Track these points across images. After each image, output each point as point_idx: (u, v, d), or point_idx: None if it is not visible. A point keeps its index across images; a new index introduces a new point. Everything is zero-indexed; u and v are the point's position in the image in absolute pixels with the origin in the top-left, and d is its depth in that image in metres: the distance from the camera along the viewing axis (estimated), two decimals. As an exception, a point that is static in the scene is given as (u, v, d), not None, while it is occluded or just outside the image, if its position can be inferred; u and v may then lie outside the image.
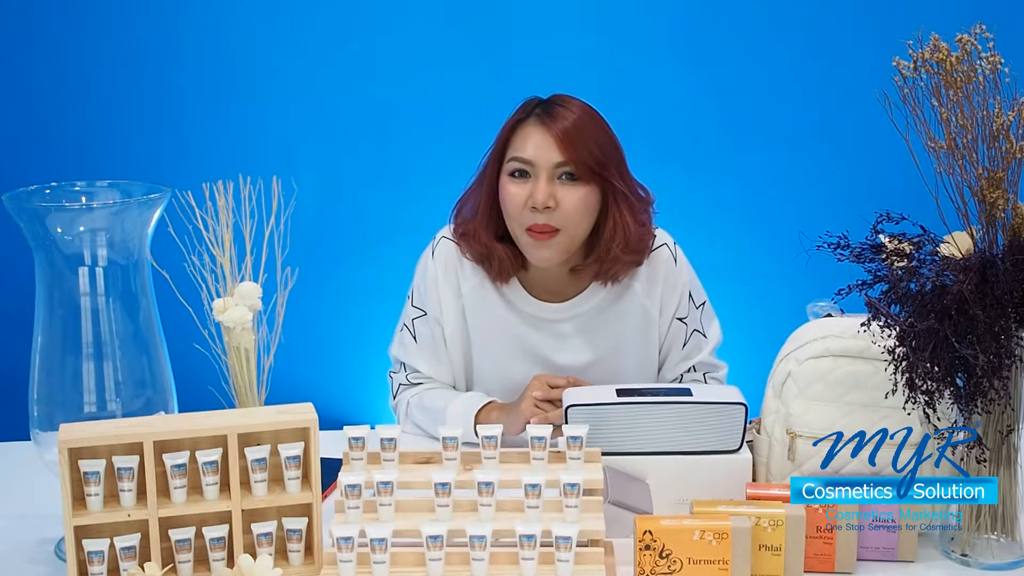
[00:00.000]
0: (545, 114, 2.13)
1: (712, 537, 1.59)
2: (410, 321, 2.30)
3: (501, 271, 2.21)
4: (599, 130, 2.14)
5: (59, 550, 1.80)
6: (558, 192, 2.10)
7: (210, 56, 3.49)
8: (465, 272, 2.26)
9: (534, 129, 2.13)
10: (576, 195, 2.11)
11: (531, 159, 2.11)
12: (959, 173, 1.64)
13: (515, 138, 2.14)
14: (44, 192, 1.83)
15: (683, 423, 1.77)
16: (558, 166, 2.10)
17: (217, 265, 1.84)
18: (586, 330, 2.24)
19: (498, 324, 2.25)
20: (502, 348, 2.25)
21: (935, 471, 1.74)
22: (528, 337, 2.24)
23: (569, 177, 2.11)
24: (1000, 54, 1.60)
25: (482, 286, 2.25)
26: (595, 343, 2.24)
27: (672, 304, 2.25)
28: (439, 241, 2.28)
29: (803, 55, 3.46)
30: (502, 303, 2.24)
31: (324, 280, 3.46)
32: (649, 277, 2.24)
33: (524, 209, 2.11)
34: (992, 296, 1.60)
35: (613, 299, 2.24)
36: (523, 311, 2.24)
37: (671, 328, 2.26)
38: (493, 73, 3.45)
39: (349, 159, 3.56)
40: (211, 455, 1.62)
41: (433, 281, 2.26)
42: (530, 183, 2.11)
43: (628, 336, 2.25)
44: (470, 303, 2.25)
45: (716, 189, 3.52)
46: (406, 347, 2.31)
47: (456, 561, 1.56)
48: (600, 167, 2.11)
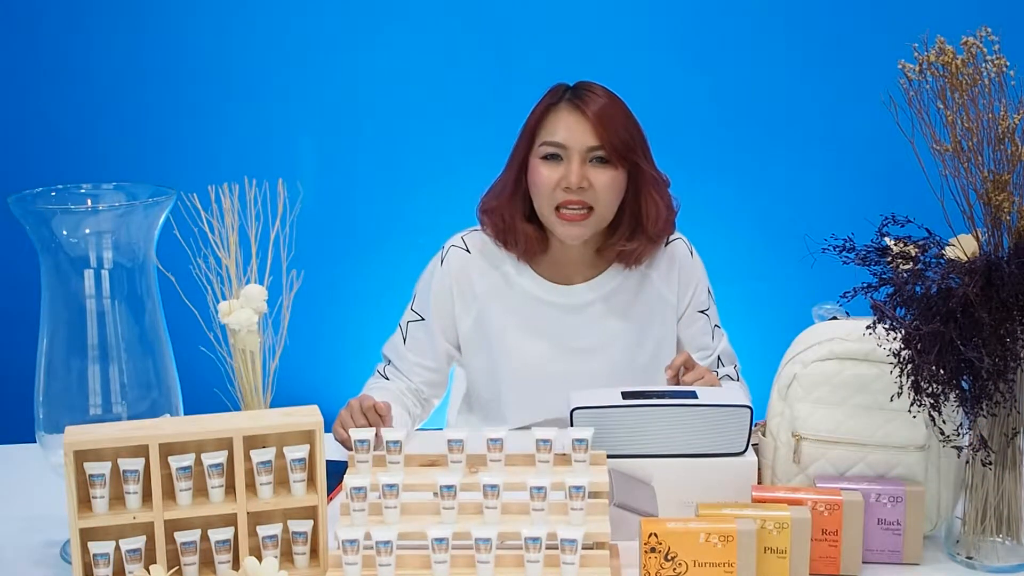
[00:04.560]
0: (576, 98, 2.21)
1: (717, 540, 1.59)
2: (405, 324, 2.37)
3: (527, 249, 2.28)
4: (626, 115, 2.23)
5: (64, 552, 1.80)
6: (590, 174, 2.18)
7: (215, 59, 3.50)
8: (480, 275, 2.30)
9: (567, 113, 2.20)
10: (607, 177, 2.18)
11: (564, 142, 2.18)
12: (964, 176, 1.64)
13: (546, 122, 2.22)
14: (50, 194, 1.83)
15: (688, 426, 1.77)
16: (591, 150, 2.18)
17: (222, 267, 1.84)
18: (612, 311, 2.29)
19: (520, 314, 2.30)
20: (525, 336, 2.29)
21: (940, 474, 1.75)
22: (551, 322, 2.30)
23: (600, 161, 2.19)
24: (1006, 57, 1.60)
25: (497, 282, 2.29)
26: (615, 327, 2.29)
27: (688, 294, 2.33)
28: (448, 249, 2.33)
29: (808, 58, 3.46)
30: (521, 294, 2.29)
31: (330, 283, 3.46)
32: (667, 266, 2.31)
33: (556, 189, 2.18)
34: (997, 299, 1.60)
35: (634, 284, 2.29)
36: (543, 298, 2.29)
37: (696, 323, 2.31)
38: (498, 76, 3.45)
39: (355, 161, 3.56)
40: (217, 457, 1.62)
41: (440, 289, 2.31)
42: (562, 166, 2.19)
43: (648, 321, 2.31)
44: (486, 302, 2.30)
45: (721, 192, 3.51)
46: (395, 346, 2.37)
47: (461, 564, 1.56)
48: (629, 151, 2.19)
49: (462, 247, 2.33)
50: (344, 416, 2.11)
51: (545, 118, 2.22)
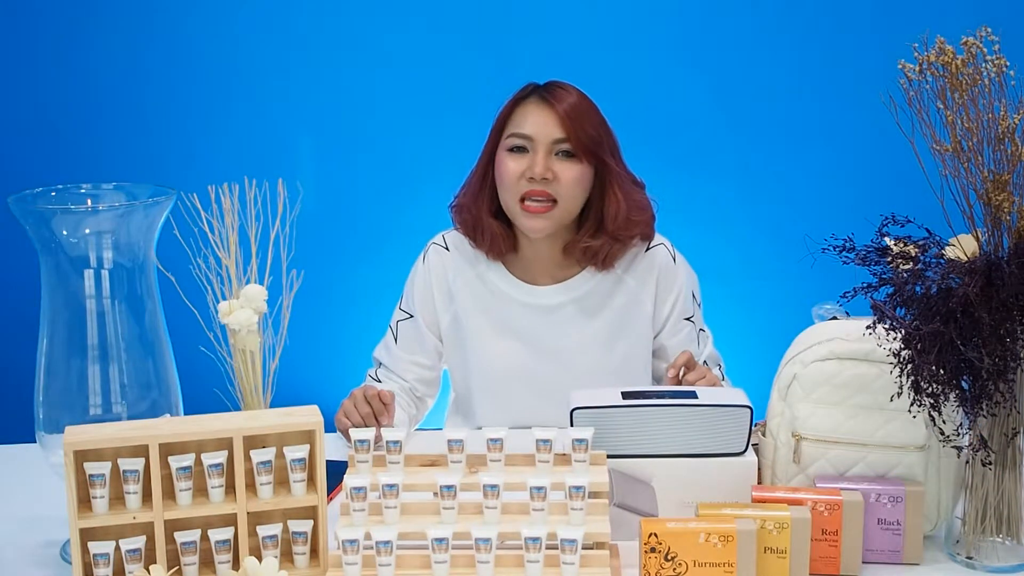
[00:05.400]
0: (547, 93, 2.22)
1: (717, 540, 1.59)
2: (395, 323, 2.38)
3: (492, 245, 2.29)
4: (595, 113, 2.23)
5: (64, 552, 1.80)
6: (555, 166, 2.19)
7: (215, 59, 3.50)
8: (457, 272, 2.31)
9: (535, 107, 2.22)
10: (573, 171, 2.19)
11: (531, 134, 2.20)
12: (964, 176, 1.63)
13: (515, 116, 2.24)
14: (50, 194, 1.84)
15: (689, 426, 1.77)
16: (556, 142, 2.19)
17: (222, 267, 1.84)
18: (583, 313, 2.28)
19: (492, 314, 2.30)
20: (497, 336, 2.29)
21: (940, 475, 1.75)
22: (522, 323, 2.30)
23: (566, 154, 2.20)
24: (1006, 57, 1.60)
25: (472, 281, 2.30)
26: (586, 330, 2.28)
27: (670, 302, 2.30)
28: (430, 247, 2.37)
29: (808, 57, 3.45)
30: (494, 293, 2.30)
31: (330, 283, 3.46)
32: (645, 273, 2.30)
33: (520, 179, 2.19)
34: (997, 299, 1.60)
35: (607, 287, 2.28)
36: (516, 298, 2.29)
37: (682, 331, 2.30)
38: (495, 75, 3.44)
39: (355, 161, 3.56)
40: (216, 457, 1.62)
41: (422, 285, 2.34)
42: (528, 157, 2.20)
43: (621, 325, 2.29)
44: (462, 299, 2.31)
45: (721, 192, 3.51)
46: (387, 347, 2.38)
47: (461, 564, 1.57)
48: (596, 146, 2.19)
49: (442, 244, 2.35)
50: (347, 405, 2.11)
51: (513, 112, 2.23)
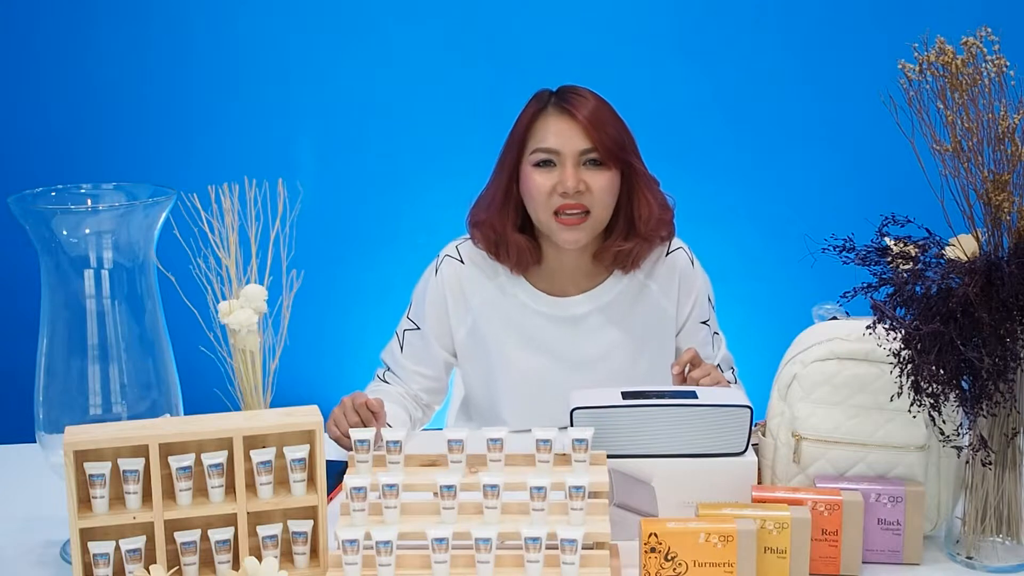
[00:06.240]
0: (564, 102, 2.18)
1: (717, 540, 1.59)
2: (402, 332, 2.36)
3: (519, 260, 2.26)
4: (614, 115, 2.20)
5: (64, 552, 1.80)
6: (585, 177, 2.16)
7: (216, 58, 3.50)
8: (475, 286, 2.28)
9: (556, 118, 2.18)
10: (603, 178, 2.17)
11: (556, 148, 2.16)
12: (964, 176, 1.63)
13: (535, 129, 2.19)
14: (50, 194, 1.83)
15: (689, 426, 1.77)
16: (583, 152, 2.17)
17: (222, 267, 1.84)
18: (610, 321, 2.27)
19: (516, 327, 2.28)
20: (522, 350, 2.28)
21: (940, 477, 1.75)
22: (548, 335, 2.28)
23: (594, 163, 2.17)
24: (1006, 57, 1.60)
25: (492, 295, 2.27)
26: (613, 338, 2.27)
27: (688, 305, 2.30)
28: (443, 260, 2.31)
29: (808, 57, 3.46)
30: (518, 307, 2.27)
31: (330, 283, 3.46)
32: (666, 277, 2.29)
33: (552, 195, 2.16)
34: (997, 299, 1.60)
35: (633, 294, 2.27)
36: (539, 311, 2.27)
37: (698, 333, 2.30)
38: (498, 76, 3.45)
39: (355, 161, 3.56)
40: (216, 457, 1.62)
41: (435, 299, 2.30)
42: (556, 171, 2.17)
43: (646, 331, 2.28)
44: (483, 314, 2.28)
45: (721, 192, 3.51)
46: (393, 354, 2.37)
47: (461, 564, 1.56)
48: (621, 150, 2.17)
49: (456, 257, 2.31)
50: (336, 414, 2.11)
51: (534, 125, 2.19)
